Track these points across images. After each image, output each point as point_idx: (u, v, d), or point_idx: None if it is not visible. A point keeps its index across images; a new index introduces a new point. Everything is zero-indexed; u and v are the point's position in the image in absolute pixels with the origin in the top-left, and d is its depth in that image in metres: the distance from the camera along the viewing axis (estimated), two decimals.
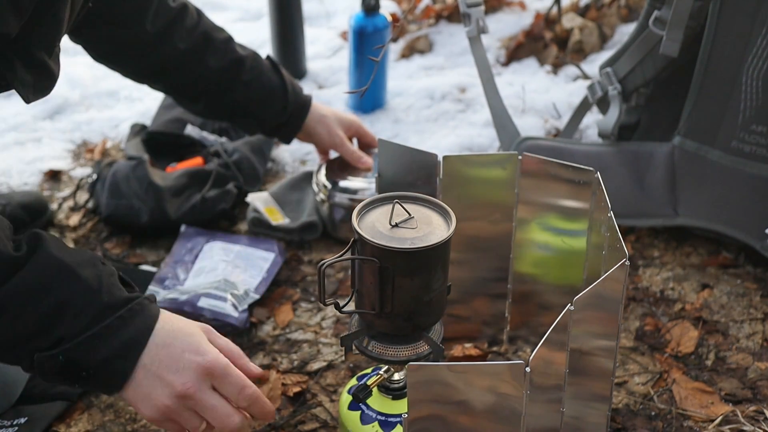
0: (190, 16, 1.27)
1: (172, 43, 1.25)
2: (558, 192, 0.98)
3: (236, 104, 1.34)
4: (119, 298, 0.82)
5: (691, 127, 1.32)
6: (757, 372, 1.13)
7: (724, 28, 1.25)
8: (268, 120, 1.37)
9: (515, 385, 0.72)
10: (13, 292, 0.78)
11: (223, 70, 1.29)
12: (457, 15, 2.16)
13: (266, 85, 1.33)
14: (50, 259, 0.80)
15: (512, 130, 1.43)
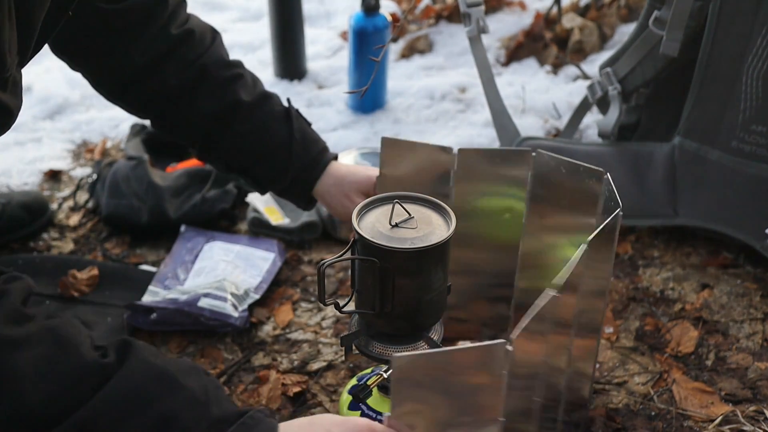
0: (193, 45, 1.09)
1: (162, 77, 1.07)
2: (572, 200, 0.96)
3: (230, 157, 1.13)
4: (231, 412, 0.72)
5: (691, 127, 1.32)
6: (757, 372, 1.12)
7: (724, 28, 1.25)
8: (266, 181, 1.14)
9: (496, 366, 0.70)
10: (106, 404, 0.66)
11: (215, 115, 1.09)
12: (457, 15, 2.16)
13: (265, 139, 1.10)
14: (147, 365, 0.69)
15: (512, 130, 1.43)
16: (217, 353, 1.17)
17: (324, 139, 1.70)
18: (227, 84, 1.09)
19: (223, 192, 1.44)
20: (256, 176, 1.13)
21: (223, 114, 1.09)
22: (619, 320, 1.22)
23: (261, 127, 1.10)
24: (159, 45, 1.06)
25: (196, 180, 1.46)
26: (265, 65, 2.01)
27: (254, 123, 1.10)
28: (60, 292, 1.25)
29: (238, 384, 1.12)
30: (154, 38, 1.05)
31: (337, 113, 1.80)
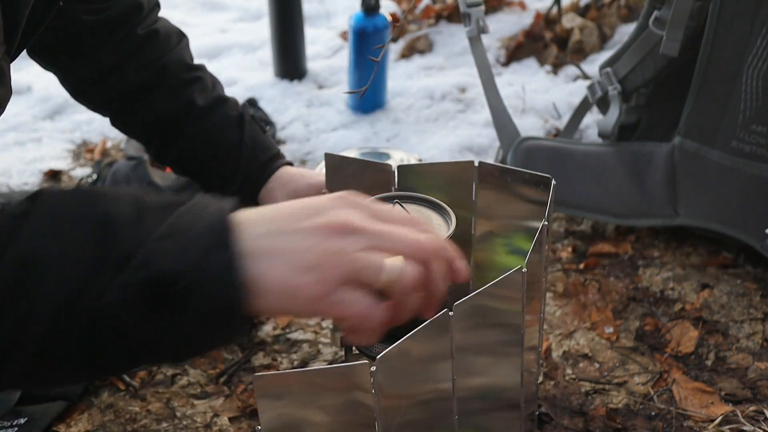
0: (156, 45, 1.08)
1: (122, 75, 1.06)
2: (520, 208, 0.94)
3: (182, 160, 1.11)
4: (175, 199, 0.59)
5: (691, 127, 1.32)
6: (757, 372, 1.12)
7: (724, 28, 1.25)
8: (216, 186, 1.10)
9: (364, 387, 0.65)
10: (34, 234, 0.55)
11: (169, 116, 1.08)
12: (457, 15, 2.16)
13: (215, 144, 1.08)
14: (61, 192, 0.59)
15: (512, 130, 1.43)
16: (217, 353, 1.17)
17: (324, 139, 1.71)
18: (184, 86, 1.08)
19: None
20: (206, 180, 1.11)
21: (177, 116, 1.08)
22: (619, 320, 1.22)
23: (212, 131, 1.08)
24: (125, 46, 1.06)
25: None
26: (265, 65, 2.01)
27: (206, 127, 1.08)
28: None
29: (238, 384, 1.12)
30: (122, 40, 1.05)
31: (337, 113, 1.80)
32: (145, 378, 1.13)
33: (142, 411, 1.07)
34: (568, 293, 1.27)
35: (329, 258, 0.56)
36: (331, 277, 0.56)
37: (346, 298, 0.57)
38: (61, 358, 0.55)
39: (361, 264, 0.57)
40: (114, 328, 0.54)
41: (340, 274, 0.56)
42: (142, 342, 0.55)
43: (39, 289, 0.53)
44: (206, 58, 2.11)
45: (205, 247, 0.55)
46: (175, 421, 1.06)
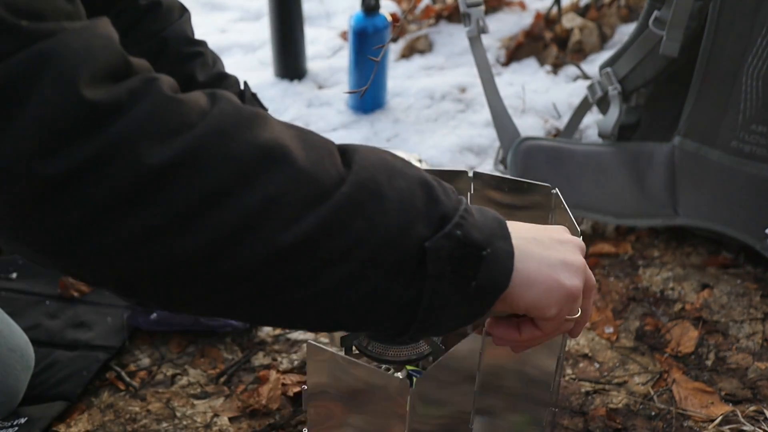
0: (157, 17, 1.06)
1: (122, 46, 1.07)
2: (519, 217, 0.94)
3: None
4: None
5: (691, 127, 1.32)
6: (757, 372, 1.12)
7: (724, 28, 1.25)
8: None
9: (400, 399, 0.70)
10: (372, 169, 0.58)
11: None
12: (457, 15, 2.16)
13: None
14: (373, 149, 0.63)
15: (512, 130, 1.43)
16: (217, 353, 1.17)
17: None
18: (185, 60, 1.07)
19: None
20: None
21: None
22: (619, 320, 1.22)
23: None
24: (126, 16, 1.04)
25: None
26: (265, 65, 2.01)
27: None
28: (60, 292, 1.25)
29: (238, 384, 1.12)
30: (123, 10, 1.04)
31: (337, 113, 1.80)
32: (145, 378, 1.13)
33: (142, 411, 1.07)
34: None
35: (583, 271, 0.68)
36: (576, 289, 0.67)
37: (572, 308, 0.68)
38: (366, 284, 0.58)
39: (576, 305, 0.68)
40: (418, 274, 0.59)
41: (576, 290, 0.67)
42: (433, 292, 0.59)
43: (377, 216, 0.57)
44: None
45: (495, 232, 0.62)
46: (175, 421, 1.06)
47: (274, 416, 1.06)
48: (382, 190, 0.58)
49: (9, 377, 1.02)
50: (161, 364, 1.15)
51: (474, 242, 0.60)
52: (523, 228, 0.67)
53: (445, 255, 0.59)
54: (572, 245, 0.69)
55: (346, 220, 0.55)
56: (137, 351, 1.18)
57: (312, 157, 0.56)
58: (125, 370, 1.14)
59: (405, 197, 0.59)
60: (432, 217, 0.59)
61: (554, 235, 0.69)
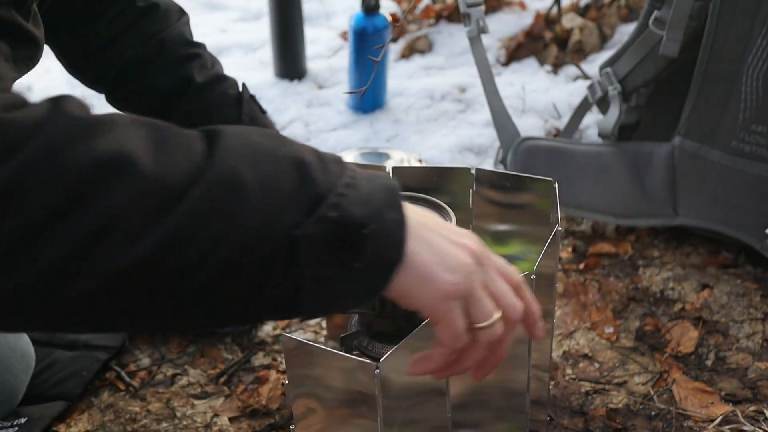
0: (155, 19, 1.06)
1: (119, 49, 1.04)
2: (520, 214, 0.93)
3: None
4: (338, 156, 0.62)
5: (691, 127, 1.32)
6: (757, 372, 1.12)
7: (724, 28, 1.25)
8: None
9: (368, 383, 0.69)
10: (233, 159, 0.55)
11: (165, 92, 1.06)
12: (457, 15, 2.16)
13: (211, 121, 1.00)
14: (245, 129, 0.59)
15: (512, 130, 1.43)
16: (217, 353, 1.17)
17: (323, 139, 1.71)
18: (182, 62, 1.06)
19: None
20: None
21: (174, 91, 1.06)
22: (619, 320, 1.22)
23: (209, 107, 1.06)
24: (124, 17, 1.04)
25: None
26: (265, 65, 2.01)
27: (203, 104, 1.06)
28: None
29: (238, 384, 1.12)
30: (121, 11, 1.04)
31: (337, 113, 1.80)
32: (145, 378, 1.13)
33: (142, 411, 1.07)
34: (568, 293, 1.27)
35: (467, 271, 0.61)
36: (462, 287, 0.60)
37: (457, 313, 0.61)
38: (234, 285, 0.55)
39: (480, 296, 0.62)
40: (293, 262, 0.55)
41: (465, 291, 0.61)
42: (311, 278, 0.56)
43: (238, 212, 0.53)
44: None
45: (383, 203, 0.58)
46: (175, 421, 1.06)
47: (274, 416, 1.06)
48: (243, 181, 0.54)
49: (9, 377, 1.02)
50: (161, 364, 1.15)
51: (353, 220, 0.56)
52: (418, 210, 0.62)
53: (319, 241, 0.55)
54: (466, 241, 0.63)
55: (200, 223, 0.52)
56: (137, 351, 1.18)
57: (163, 159, 0.52)
58: (125, 370, 1.14)
59: (270, 184, 0.55)
60: (303, 200, 0.55)
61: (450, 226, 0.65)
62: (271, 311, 0.58)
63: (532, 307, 0.67)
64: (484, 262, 0.63)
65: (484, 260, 0.63)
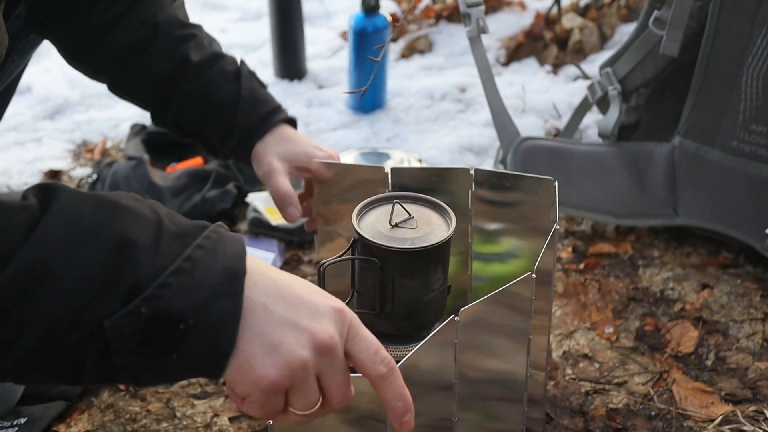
0: (148, 4, 1.05)
1: (115, 36, 1.04)
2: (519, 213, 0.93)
3: (180, 119, 1.07)
4: (189, 225, 0.59)
5: (691, 127, 1.32)
6: (757, 372, 1.12)
7: (724, 28, 1.25)
8: (215, 143, 1.07)
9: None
10: (48, 241, 0.53)
11: (164, 75, 1.05)
12: (457, 15, 2.16)
13: (211, 98, 1.05)
14: (79, 197, 0.56)
15: (512, 130, 1.43)
16: None
17: (323, 139, 1.71)
18: (178, 43, 1.06)
19: (223, 192, 1.44)
20: (205, 138, 1.07)
21: (172, 73, 1.05)
22: (619, 320, 1.22)
23: (208, 85, 1.05)
24: (117, 5, 1.04)
25: (196, 180, 1.46)
26: (265, 65, 2.01)
27: (202, 82, 1.05)
28: None
29: None
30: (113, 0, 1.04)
31: (337, 113, 1.80)
32: None
33: (142, 411, 1.07)
34: (568, 293, 1.27)
35: (295, 367, 0.58)
36: (283, 384, 0.58)
37: (271, 403, 0.59)
38: (42, 367, 0.55)
39: (305, 388, 0.59)
40: (107, 349, 0.54)
41: (286, 386, 0.58)
42: (125, 366, 0.55)
43: (43, 302, 0.53)
44: None
45: (215, 292, 0.56)
46: (175, 421, 1.06)
47: None
48: (54, 269, 0.53)
49: None
50: None
51: (169, 315, 0.54)
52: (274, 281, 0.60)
53: (129, 334, 0.54)
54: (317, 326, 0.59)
55: (4, 308, 0.52)
56: None
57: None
58: None
59: (82, 272, 0.53)
60: (118, 290, 0.54)
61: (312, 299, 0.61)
62: (102, 382, 0.59)
63: (396, 402, 0.62)
64: (330, 352, 0.59)
65: (330, 351, 0.59)
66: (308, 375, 0.58)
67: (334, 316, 0.60)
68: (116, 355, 0.55)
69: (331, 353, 0.59)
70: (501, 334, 0.80)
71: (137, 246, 0.55)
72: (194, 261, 0.56)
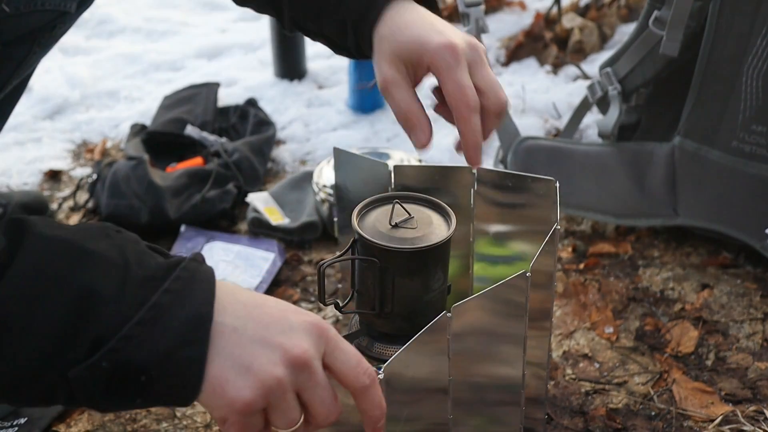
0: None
1: None
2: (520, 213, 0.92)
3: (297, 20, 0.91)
4: (158, 267, 0.59)
5: (691, 127, 1.32)
6: (757, 372, 1.12)
7: (724, 28, 1.25)
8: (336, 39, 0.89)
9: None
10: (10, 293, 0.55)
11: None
12: (456, 15, 2.16)
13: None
14: (46, 240, 0.57)
15: (512, 130, 1.43)
16: None
17: (323, 139, 1.71)
18: None
19: (223, 192, 1.44)
20: (327, 37, 0.90)
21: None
22: (619, 320, 1.22)
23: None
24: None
25: (196, 180, 1.46)
26: (265, 65, 2.01)
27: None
28: None
29: None
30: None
31: (337, 113, 1.80)
32: None
33: (142, 411, 1.07)
34: (568, 293, 1.27)
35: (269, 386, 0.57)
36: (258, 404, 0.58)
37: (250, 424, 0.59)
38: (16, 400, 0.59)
39: (283, 406, 0.59)
40: (71, 395, 0.56)
41: (262, 405, 0.58)
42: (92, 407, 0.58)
43: (8, 353, 0.55)
44: (206, 58, 2.10)
45: (179, 340, 0.56)
46: (175, 421, 1.06)
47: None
48: (17, 322, 0.54)
49: None
50: None
51: (131, 367, 0.55)
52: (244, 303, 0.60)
53: (92, 384, 0.55)
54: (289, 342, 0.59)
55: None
56: None
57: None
58: None
59: (46, 325, 0.55)
60: (80, 342, 0.55)
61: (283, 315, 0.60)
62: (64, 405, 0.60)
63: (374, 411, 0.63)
64: (306, 367, 0.59)
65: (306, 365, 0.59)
66: (285, 392, 0.58)
67: (309, 330, 0.60)
68: (83, 400, 0.57)
69: (308, 368, 0.59)
70: (497, 334, 0.80)
71: (101, 296, 0.56)
72: (159, 309, 0.56)
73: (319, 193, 1.39)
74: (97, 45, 2.16)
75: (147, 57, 2.08)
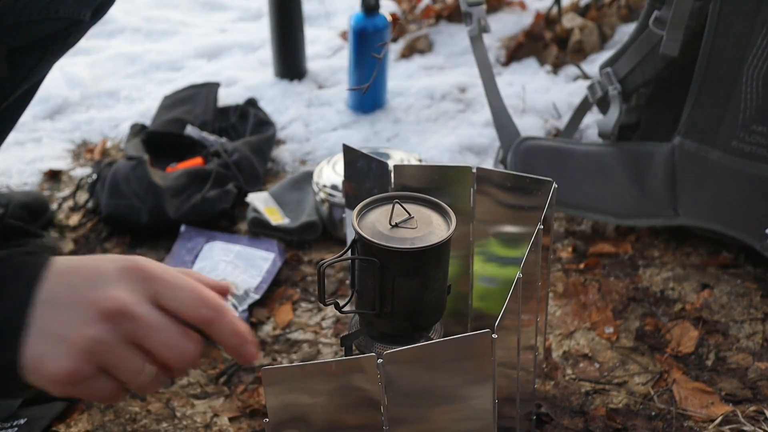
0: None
1: None
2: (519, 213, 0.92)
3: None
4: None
5: (691, 127, 1.32)
6: (757, 372, 1.12)
7: (724, 28, 1.25)
8: None
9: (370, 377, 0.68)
10: None
11: None
12: (457, 15, 2.16)
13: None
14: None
15: (512, 130, 1.43)
16: (217, 353, 1.17)
17: (324, 139, 1.71)
18: None
19: (223, 192, 1.44)
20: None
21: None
22: (619, 320, 1.22)
23: None
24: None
25: (196, 180, 1.46)
26: (265, 65, 2.01)
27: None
28: None
29: (238, 384, 1.12)
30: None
31: (337, 113, 1.80)
32: None
33: (142, 411, 1.07)
34: (568, 293, 1.27)
35: (89, 347, 0.56)
36: (84, 370, 0.56)
37: (94, 389, 0.58)
38: None
39: (118, 361, 0.57)
40: None
41: (90, 370, 0.57)
42: None
43: None
44: (206, 58, 2.10)
45: None
46: (175, 421, 1.06)
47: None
48: None
49: None
50: None
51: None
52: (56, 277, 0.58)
53: None
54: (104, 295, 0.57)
55: None
56: None
57: None
58: None
59: None
60: None
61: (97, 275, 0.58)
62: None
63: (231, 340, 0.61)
64: (124, 315, 0.57)
65: (124, 313, 0.57)
66: (111, 348, 0.56)
67: (123, 276, 0.58)
68: None
69: (127, 315, 0.57)
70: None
71: None
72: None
73: (319, 193, 1.39)
74: (97, 45, 2.16)
75: (147, 57, 2.08)
